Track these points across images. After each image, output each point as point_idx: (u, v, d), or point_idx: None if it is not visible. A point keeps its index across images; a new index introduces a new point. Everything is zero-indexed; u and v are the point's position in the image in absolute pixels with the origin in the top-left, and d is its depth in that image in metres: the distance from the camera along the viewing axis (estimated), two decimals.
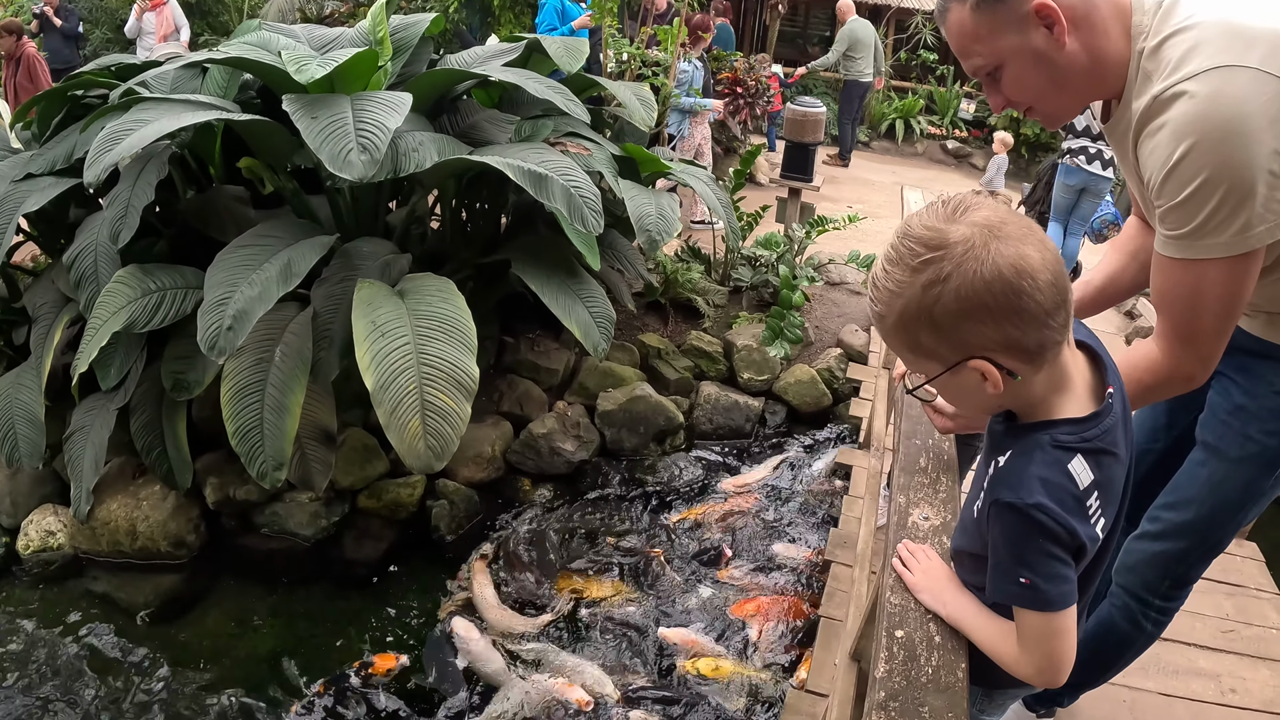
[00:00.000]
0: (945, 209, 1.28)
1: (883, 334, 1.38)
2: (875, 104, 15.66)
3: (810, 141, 7.58)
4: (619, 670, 3.77)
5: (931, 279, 1.24)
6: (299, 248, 3.86)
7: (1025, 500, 1.34)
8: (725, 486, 5.16)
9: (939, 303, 1.25)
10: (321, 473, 4.05)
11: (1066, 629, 1.41)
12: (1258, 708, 3.26)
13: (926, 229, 1.26)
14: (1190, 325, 1.68)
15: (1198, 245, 1.57)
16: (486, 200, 5.35)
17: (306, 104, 3.62)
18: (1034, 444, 1.38)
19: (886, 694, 1.44)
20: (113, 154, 3.50)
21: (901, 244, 1.28)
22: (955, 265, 1.22)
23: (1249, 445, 2.05)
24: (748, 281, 6.55)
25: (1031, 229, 1.27)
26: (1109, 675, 2.66)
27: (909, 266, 1.26)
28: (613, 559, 4.45)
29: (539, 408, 5.25)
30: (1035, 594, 1.38)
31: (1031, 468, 1.36)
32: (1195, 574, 2.32)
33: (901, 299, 1.28)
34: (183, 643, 3.87)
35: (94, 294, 3.95)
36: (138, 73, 4.52)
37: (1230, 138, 1.47)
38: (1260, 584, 4.05)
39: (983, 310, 1.24)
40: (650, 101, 5.19)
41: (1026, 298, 1.23)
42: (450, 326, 3.68)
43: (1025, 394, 1.37)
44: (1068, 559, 1.38)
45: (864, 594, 3.18)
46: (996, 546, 1.44)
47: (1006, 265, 1.22)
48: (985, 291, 1.22)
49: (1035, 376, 1.34)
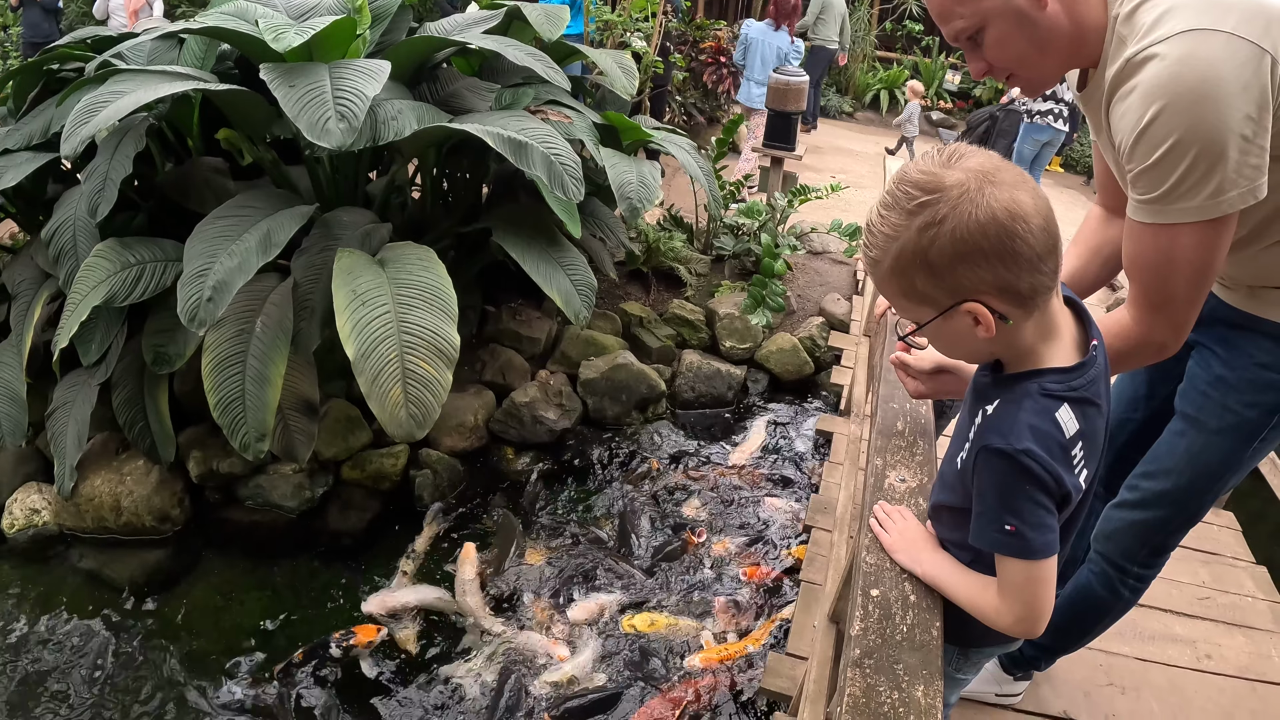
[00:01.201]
0: (940, 156, 1.31)
1: (877, 280, 1.40)
2: (860, 74, 15.65)
3: (792, 110, 7.56)
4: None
5: (927, 221, 1.27)
6: (278, 218, 3.84)
7: (1015, 445, 1.36)
8: (732, 458, 5.19)
9: (934, 245, 1.27)
10: (304, 444, 4.05)
11: (1047, 577, 1.44)
12: (1232, 673, 3.31)
13: (922, 173, 1.29)
14: (1162, 292, 1.67)
15: (1169, 210, 1.56)
16: (467, 169, 5.33)
17: (284, 73, 3.60)
18: (1023, 392, 1.41)
19: (862, 651, 1.45)
20: (89, 127, 3.47)
21: (897, 189, 1.30)
22: (951, 208, 1.25)
23: (1228, 417, 2.07)
24: (730, 250, 6.56)
25: (1024, 177, 1.29)
26: (1086, 640, 2.70)
27: (905, 210, 1.29)
28: (590, 530, 4.49)
29: (521, 376, 5.26)
30: (1020, 541, 1.40)
31: (1021, 414, 1.38)
32: (1173, 542, 2.34)
33: (897, 242, 1.30)
34: (169, 616, 3.87)
35: (73, 269, 3.93)
36: (114, 45, 4.48)
37: (1202, 100, 1.46)
38: (1236, 553, 4.10)
39: (977, 252, 1.27)
40: (632, 69, 5.16)
41: (1020, 241, 1.26)
42: (431, 295, 3.67)
43: (1015, 340, 1.40)
44: (1052, 508, 1.41)
45: (843, 558, 3.21)
46: (983, 494, 1.46)
47: (1001, 209, 1.25)
48: (980, 234, 1.25)
49: (1026, 322, 1.37)
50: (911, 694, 1.37)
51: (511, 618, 3.90)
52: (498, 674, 3.60)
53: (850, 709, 1.34)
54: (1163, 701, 3.12)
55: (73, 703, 3.44)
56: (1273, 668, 3.38)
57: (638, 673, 3.65)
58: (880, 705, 1.35)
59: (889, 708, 1.34)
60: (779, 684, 3.24)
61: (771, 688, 3.25)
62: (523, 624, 3.86)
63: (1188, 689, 3.19)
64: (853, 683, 1.39)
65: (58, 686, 3.50)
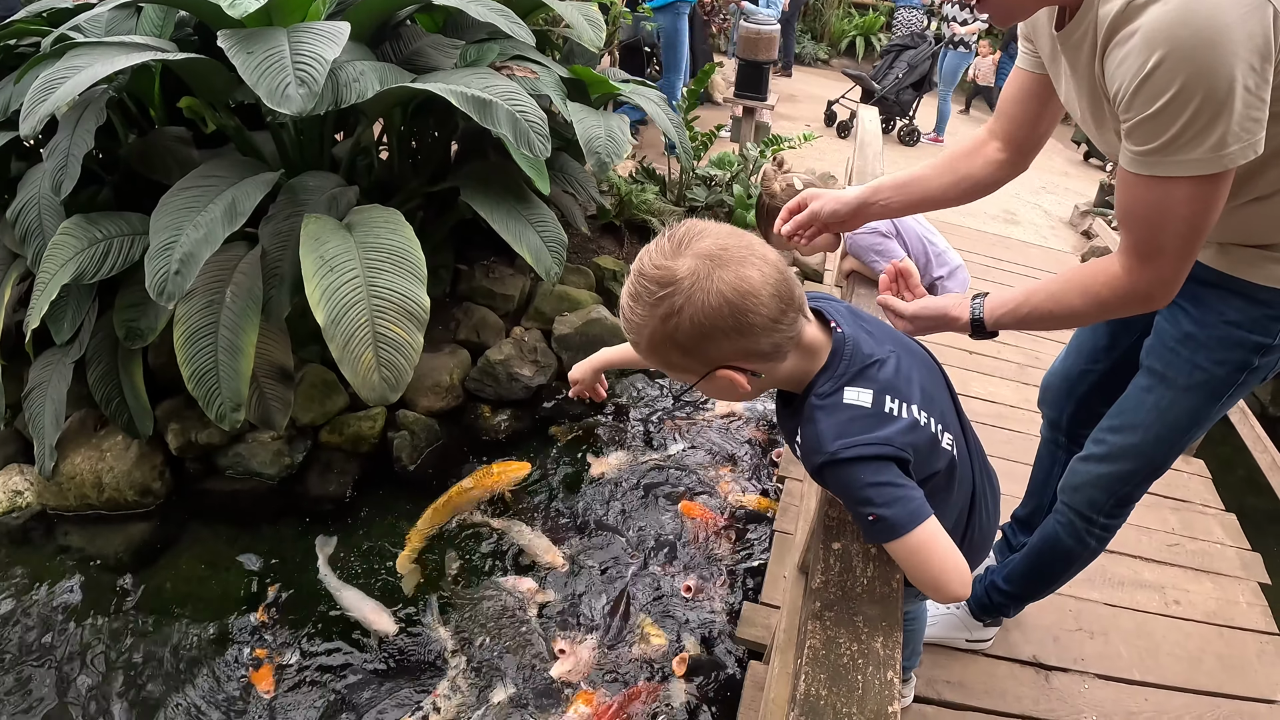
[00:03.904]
0: (671, 244, 1.41)
1: (641, 355, 1.51)
2: (835, 21, 15.55)
3: (764, 60, 7.53)
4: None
5: (667, 312, 1.37)
6: (243, 186, 3.81)
7: (828, 449, 1.47)
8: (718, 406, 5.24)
9: (678, 331, 1.38)
10: (281, 411, 4.05)
11: (927, 542, 1.46)
12: (1199, 618, 3.39)
13: (656, 268, 1.39)
14: (1152, 244, 1.61)
15: (1168, 162, 1.50)
16: (434, 127, 5.29)
17: (242, 39, 3.54)
18: (808, 410, 1.52)
19: (822, 604, 1.48)
20: (48, 103, 3.41)
21: (638, 283, 1.41)
22: (686, 298, 1.36)
23: (1197, 374, 2.08)
24: (702, 201, 6.55)
25: (751, 248, 1.42)
26: (1053, 588, 2.75)
27: (647, 304, 1.39)
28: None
29: (496, 334, 5.25)
30: (884, 524, 1.46)
31: (819, 425, 1.49)
32: (1139, 493, 2.38)
33: (647, 330, 1.41)
34: (156, 589, 3.89)
35: (40, 248, 3.89)
36: (70, 17, 4.41)
37: (1206, 47, 1.37)
38: (1206, 500, 4.17)
39: (716, 331, 1.38)
40: (599, 22, 5.11)
41: (751, 314, 1.38)
42: (399, 257, 3.66)
43: (777, 377, 1.55)
44: (899, 477, 1.47)
45: (813, 509, 3.24)
46: (842, 501, 1.59)
47: (729, 290, 1.36)
48: (715, 316, 1.36)
49: (778, 365, 1.50)
50: (871, 645, 1.40)
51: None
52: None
53: (810, 660, 1.36)
54: (1131, 645, 3.18)
55: (63, 679, 3.46)
56: (1239, 613, 3.46)
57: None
58: (840, 657, 1.37)
59: (848, 659, 1.37)
60: (754, 633, 3.29)
61: (747, 636, 3.30)
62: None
63: (1156, 633, 3.27)
64: (813, 634, 1.41)
65: (48, 664, 3.52)
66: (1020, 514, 3.03)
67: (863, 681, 1.33)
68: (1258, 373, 2.05)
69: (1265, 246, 1.88)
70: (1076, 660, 3.07)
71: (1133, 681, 3.04)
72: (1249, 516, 4.13)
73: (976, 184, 2.16)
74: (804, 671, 1.34)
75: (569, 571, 3.98)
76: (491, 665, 3.53)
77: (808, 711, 1.28)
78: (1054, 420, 2.79)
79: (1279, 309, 1.93)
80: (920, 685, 2.84)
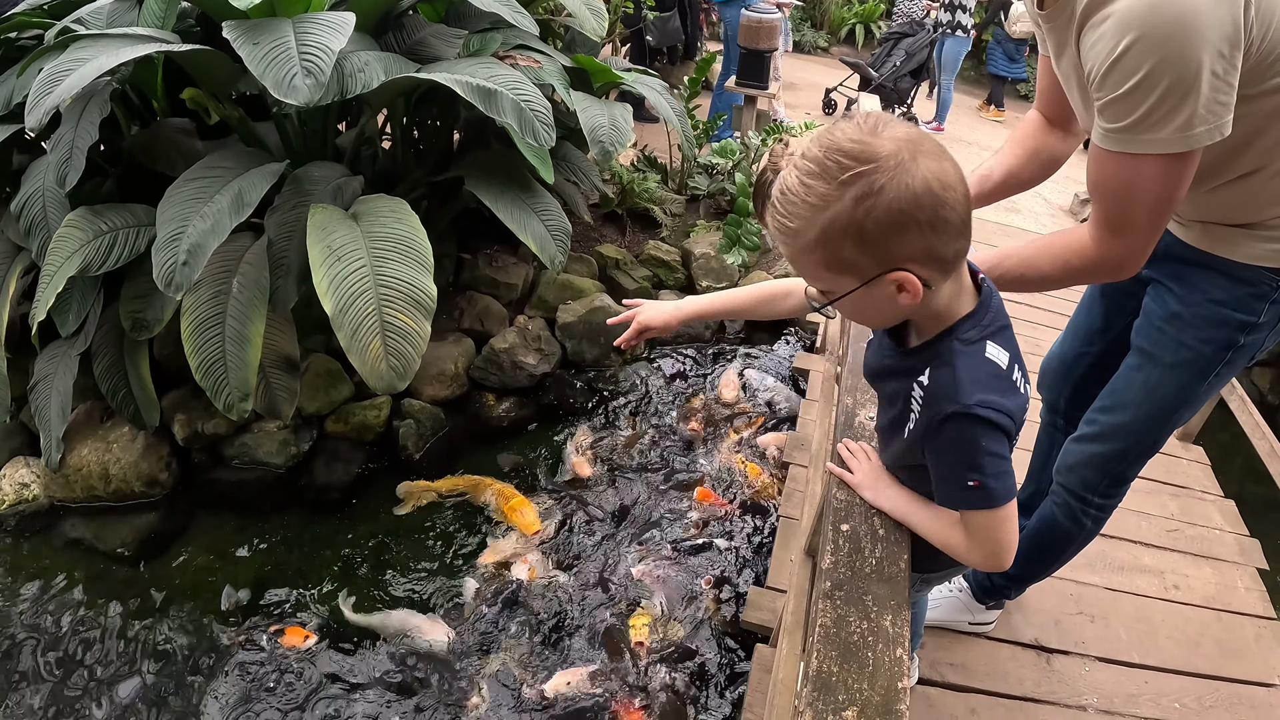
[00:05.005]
0: (866, 124, 1.28)
1: (793, 250, 1.37)
2: (835, 9, 15.52)
3: (765, 48, 7.50)
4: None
5: (864, 192, 1.24)
6: (249, 177, 3.82)
7: (967, 401, 1.40)
8: (721, 394, 5.25)
9: (870, 215, 1.25)
10: (287, 401, 4.08)
11: (1010, 516, 1.49)
12: (1198, 603, 3.42)
13: (854, 142, 1.25)
14: (1122, 217, 1.69)
15: (1136, 140, 1.57)
16: (437, 117, 5.30)
17: (247, 30, 3.56)
18: (948, 352, 1.45)
19: (832, 584, 1.51)
20: (53, 96, 3.42)
21: (826, 157, 1.27)
22: (890, 178, 1.23)
23: (1183, 352, 2.11)
24: (705, 190, 6.56)
25: (942, 148, 1.30)
26: (1052, 569, 2.78)
27: (836, 180, 1.25)
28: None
29: (500, 323, 5.28)
30: (983, 493, 1.45)
31: (958, 371, 1.42)
32: (1132, 473, 2.41)
33: (827, 213, 1.27)
34: (164, 579, 3.91)
35: (45, 240, 3.91)
36: (72, 10, 4.42)
37: (1177, 33, 1.44)
38: (1205, 486, 4.20)
39: (911, 223, 1.26)
40: (601, 10, 5.12)
41: (949, 209, 1.28)
42: (405, 246, 3.68)
43: (933, 302, 1.42)
44: (1008, 452, 1.46)
45: (818, 493, 3.27)
46: (943, 457, 1.51)
47: (934, 179, 1.25)
48: (915, 203, 1.24)
49: (944, 284, 1.40)
50: (880, 623, 1.43)
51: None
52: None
53: (821, 639, 1.39)
54: (1130, 630, 3.21)
55: (73, 670, 3.49)
56: (1238, 598, 3.49)
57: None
58: (850, 635, 1.40)
59: (858, 636, 1.40)
60: (759, 616, 3.32)
61: (753, 620, 3.32)
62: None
63: (1155, 617, 3.30)
64: (824, 613, 1.44)
65: (58, 656, 3.54)
66: (1020, 497, 3.06)
67: (873, 658, 1.36)
68: (1244, 351, 2.08)
69: (1246, 225, 1.92)
70: (1077, 643, 3.10)
71: (1132, 664, 3.07)
72: (1248, 502, 4.17)
73: (1054, 155, 2.24)
74: (816, 649, 1.37)
75: (569, 558, 4.00)
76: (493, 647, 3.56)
77: (820, 687, 1.31)
78: (1052, 403, 2.82)
79: (1262, 287, 1.96)
80: (924, 667, 2.87)
